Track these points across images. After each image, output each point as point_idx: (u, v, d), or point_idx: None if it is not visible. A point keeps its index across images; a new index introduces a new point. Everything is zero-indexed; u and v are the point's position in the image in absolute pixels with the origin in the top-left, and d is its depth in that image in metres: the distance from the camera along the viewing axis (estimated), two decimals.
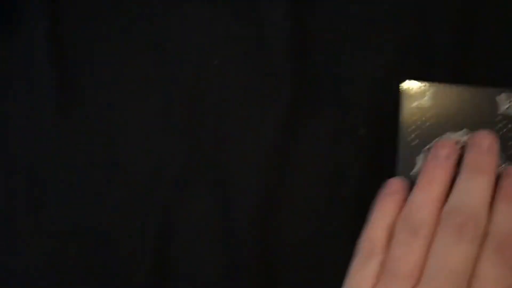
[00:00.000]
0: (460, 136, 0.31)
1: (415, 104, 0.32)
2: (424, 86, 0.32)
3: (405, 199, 0.28)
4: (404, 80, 0.33)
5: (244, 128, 0.35)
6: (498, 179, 0.28)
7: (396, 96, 0.33)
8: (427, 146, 0.31)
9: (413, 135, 0.32)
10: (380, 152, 0.34)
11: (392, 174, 0.31)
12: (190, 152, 0.35)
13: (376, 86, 0.35)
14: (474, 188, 0.26)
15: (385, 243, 0.26)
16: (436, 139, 0.31)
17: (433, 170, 0.28)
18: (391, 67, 0.35)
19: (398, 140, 0.32)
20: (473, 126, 0.31)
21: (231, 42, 0.36)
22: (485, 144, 0.28)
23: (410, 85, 0.33)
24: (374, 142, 0.35)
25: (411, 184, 0.30)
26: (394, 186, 0.29)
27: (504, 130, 0.31)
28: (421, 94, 0.32)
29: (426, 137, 0.32)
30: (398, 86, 0.33)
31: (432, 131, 0.32)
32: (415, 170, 0.31)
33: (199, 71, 0.36)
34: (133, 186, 0.35)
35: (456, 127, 0.31)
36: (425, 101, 0.32)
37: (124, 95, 0.36)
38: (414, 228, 0.26)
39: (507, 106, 0.31)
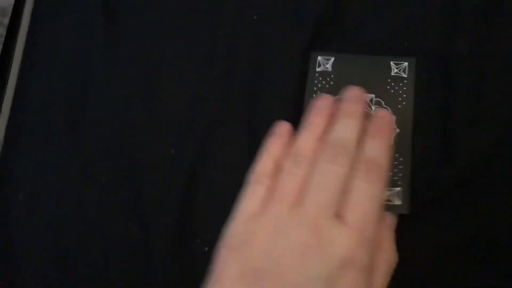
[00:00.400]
0: None
1: (320, 68, 0.37)
2: (329, 54, 0.38)
3: (289, 140, 0.33)
4: (312, 51, 0.38)
5: (276, 81, 0.39)
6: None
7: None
8: None
9: (318, 93, 0.37)
10: None
11: None
12: (224, 96, 0.39)
13: None
14: (345, 127, 0.31)
15: (272, 173, 0.31)
16: (336, 97, 0.36)
17: (314, 116, 0.33)
18: None
19: (304, 103, 0.37)
20: (369, 85, 0.36)
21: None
22: (353, 96, 0.34)
23: (318, 54, 0.38)
24: None
25: None
26: (281, 128, 0.33)
27: (396, 88, 0.36)
28: (326, 61, 0.37)
29: None
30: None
31: (332, 92, 0.37)
32: None
33: (238, 26, 0.40)
34: (169, 119, 0.39)
35: None
36: (329, 66, 0.37)
37: (169, 38, 0.41)
38: (297, 159, 0.31)
39: (396, 70, 0.37)
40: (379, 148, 0.31)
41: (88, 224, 0.37)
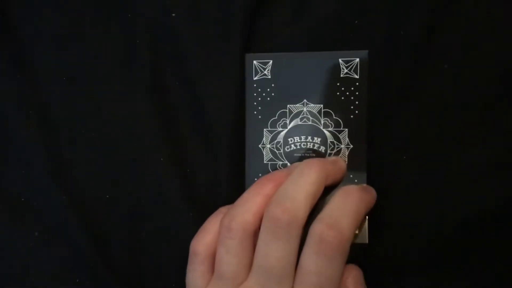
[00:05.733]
0: (299, 108, 0.31)
1: (258, 76, 0.32)
2: (266, 57, 0.31)
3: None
4: (246, 53, 0.32)
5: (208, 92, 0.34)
6: None
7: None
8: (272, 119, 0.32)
9: (259, 108, 0.32)
10: None
11: None
12: (153, 116, 0.34)
13: None
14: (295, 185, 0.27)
15: (212, 247, 0.29)
16: (279, 111, 0.32)
17: (252, 197, 0.28)
18: None
19: (246, 113, 0.32)
20: (316, 93, 0.31)
21: None
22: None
23: (253, 58, 0.32)
24: None
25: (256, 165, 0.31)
26: (221, 210, 0.30)
27: (347, 94, 0.31)
28: (264, 65, 0.32)
29: (269, 109, 0.32)
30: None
31: (274, 104, 0.32)
32: (263, 141, 0.32)
33: (157, 29, 0.35)
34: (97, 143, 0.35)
35: (297, 98, 0.31)
36: (268, 72, 0.32)
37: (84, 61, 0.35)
38: (232, 233, 0.27)
39: (347, 70, 0.31)
40: (349, 209, 0.27)
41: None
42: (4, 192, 0.35)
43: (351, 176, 0.31)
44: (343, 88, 0.31)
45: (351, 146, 0.31)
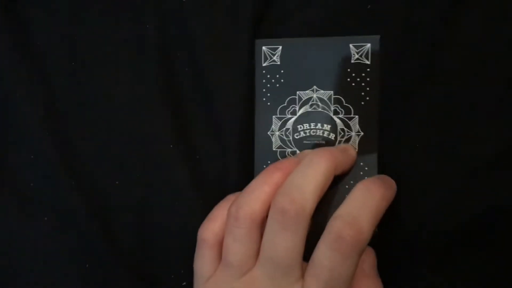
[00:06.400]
0: (309, 94, 0.31)
1: (267, 62, 0.31)
2: (276, 43, 0.31)
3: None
4: (255, 39, 0.31)
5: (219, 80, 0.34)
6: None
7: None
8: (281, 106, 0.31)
9: (268, 94, 0.31)
10: None
11: None
12: (165, 104, 0.34)
13: None
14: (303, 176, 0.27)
15: (220, 233, 0.29)
16: (289, 98, 0.31)
17: (260, 186, 0.28)
18: None
19: (255, 100, 0.31)
20: (326, 79, 0.30)
21: None
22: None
23: (262, 43, 0.31)
24: None
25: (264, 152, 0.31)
26: (229, 197, 0.30)
27: (358, 80, 0.30)
28: (273, 51, 0.31)
29: (278, 96, 0.31)
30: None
31: (283, 90, 0.31)
32: (272, 128, 0.31)
33: (166, 14, 0.34)
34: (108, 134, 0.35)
35: (307, 84, 0.31)
36: (277, 58, 0.31)
37: (95, 46, 0.35)
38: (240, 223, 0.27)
39: (357, 56, 0.30)
40: (370, 205, 0.26)
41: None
42: (13, 180, 0.35)
43: (361, 164, 0.30)
44: (353, 74, 0.30)
45: (362, 133, 0.30)
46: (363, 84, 0.30)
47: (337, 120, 0.31)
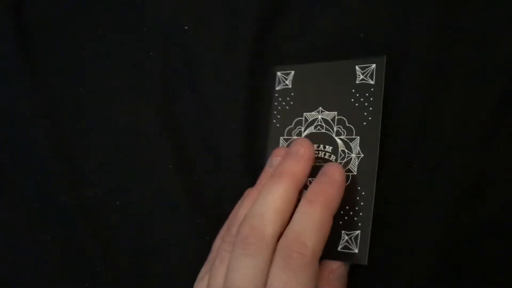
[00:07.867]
0: (314, 116, 0.31)
1: (280, 86, 0.32)
2: (289, 68, 0.32)
3: None
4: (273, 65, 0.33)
5: (221, 108, 0.35)
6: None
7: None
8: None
9: (278, 116, 0.32)
10: None
11: None
12: (166, 128, 0.35)
13: None
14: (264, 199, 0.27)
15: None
16: (296, 119, 0.31)
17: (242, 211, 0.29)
18: None
19: (268, 122, 0.32)
20: (331, 100, 0.30)
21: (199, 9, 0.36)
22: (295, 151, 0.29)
23: (277, 69, 0.33)
24: None
25: None
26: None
27: (361, 100, 0.29)
28: (286, 76, 0.32)
29: (287, 118, 0.32)
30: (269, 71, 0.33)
31: (292, 112, 0.31)
32: None
33: (169, 43, 0.36)
34: (103, 158, 0.36)
35: (314, 106, 0.31)
36: (289, 82, 0.32)
37: (96, 73, 0.37)
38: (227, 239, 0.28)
39: (362, 76, 0.29)
40: (311, 219, 0.26)
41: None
42: (20, 198, 0.36)
43: (358, 188, 0.28)
44: (358, 95, 0.29)
45: (362, 155, 0.28)
46: (366, 104, 0.29)
47: (339, 142, 0.29)
